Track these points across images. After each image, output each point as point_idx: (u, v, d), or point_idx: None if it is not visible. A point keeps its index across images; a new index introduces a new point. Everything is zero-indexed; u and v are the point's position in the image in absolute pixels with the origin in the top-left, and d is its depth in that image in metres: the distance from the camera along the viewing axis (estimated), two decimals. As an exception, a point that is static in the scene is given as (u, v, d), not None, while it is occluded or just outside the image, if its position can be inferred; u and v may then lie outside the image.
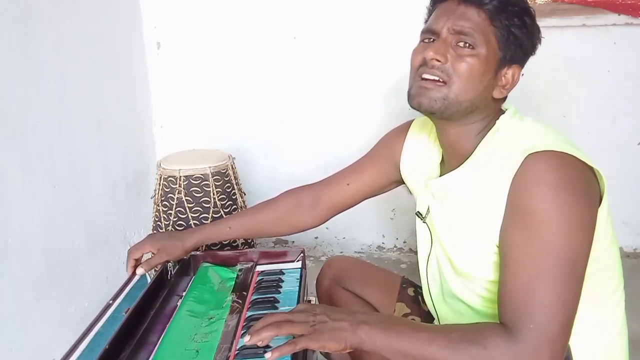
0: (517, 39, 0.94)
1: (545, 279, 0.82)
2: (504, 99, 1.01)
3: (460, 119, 0.98)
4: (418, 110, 0.98)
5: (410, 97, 0.98)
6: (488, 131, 0.99)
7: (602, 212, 0.90)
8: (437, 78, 0.94)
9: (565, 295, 0.83)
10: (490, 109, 0.99)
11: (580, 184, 0.86)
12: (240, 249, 1.84)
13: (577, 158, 0.87)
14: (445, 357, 0.83)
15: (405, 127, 1.22)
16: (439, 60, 0.93)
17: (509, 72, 0.97)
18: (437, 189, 1.05)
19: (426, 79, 0.95)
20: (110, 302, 1.09)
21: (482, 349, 0.81)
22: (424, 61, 0.95)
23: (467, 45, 0.93)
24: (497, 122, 0.99)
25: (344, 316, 0.89)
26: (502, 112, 1.02)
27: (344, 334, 0.86)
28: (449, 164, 1.06)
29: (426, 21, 1.02)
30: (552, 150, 0.86)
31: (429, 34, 0.97)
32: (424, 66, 0.95)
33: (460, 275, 1.02)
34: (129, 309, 1.05)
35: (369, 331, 0.86)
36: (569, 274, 0.83)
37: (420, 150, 1.16)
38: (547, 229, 0.83)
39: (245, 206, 2.02)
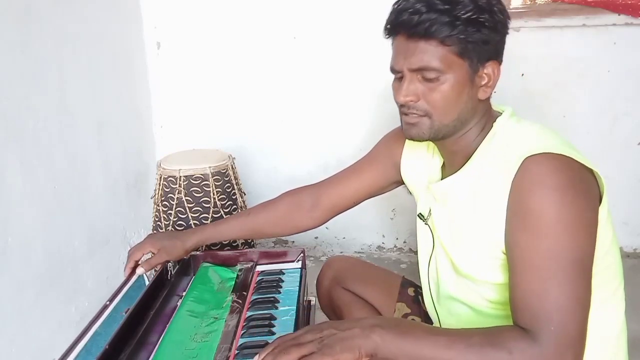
0: (478, 42, 0.91)
1: (559, 280, 0.82)
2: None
3: (456, 134, 0.99)
4: (412, 140, 1.02)
5: (403, 130, 1.01)
6: (486, 133, 0.99)
7: (602, 213, 0.91)
8: (417, 117, 0.96)
9: (579, 295, 0.83)
10: (481, 111, 0.99)
11: (581, 184, 0.86)
12: (240, 249, 1.85)
13: (574, 160, 0.87)
14: None
15: (405, 129, 1.22)
16: (412, 100, 0.95)
17: (486, 71, 0.95)
18: (439, 191, 1.05)
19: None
20: (108, 302, 1.09)
21: (506, 353, 0.80)
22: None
23: (432, 77, 0.92)
24: (495, 124, 0.99)
25: (354, 324, 0.86)
26: (499, 113, 1.02)
27: (357, 340, 0.83)
28: (449, 166, 1.06)
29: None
30: (550, 153, 0.86)
31: (395, 72, 0.98)
32: (403, 106, 0.97)
33: (463, 277, 1.02)
34: (128, 309, 1.05)
35: (384, 335, 0.83)
36: (580, 273, 0.83)
37: (421, 152, 1.16)
38: (554, 231, 0.83)
39: (246, 206, 2.02)
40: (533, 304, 0.83)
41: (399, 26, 0.93)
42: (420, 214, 1.13)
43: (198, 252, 1.34)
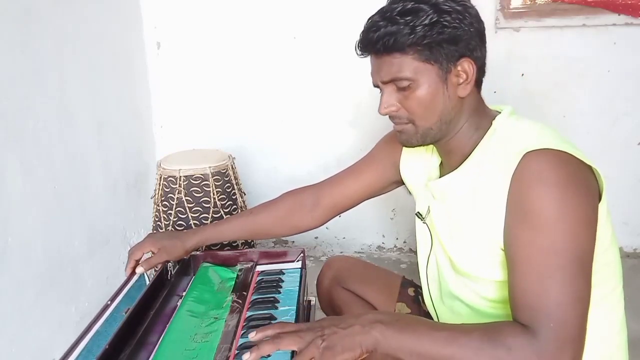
0: (443, 44, 0.91)
1: (558, 277, 0.82)
2: (479, 87, 1.00)
3: (445, 135, 1.00)
4: (404, 146, 1.08)
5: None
6: (485, 131, 0.99)
7: (602, 210, 0.90)
8: (402, 124, 0.99)
9: (579, 292, 0.83)
10: (468, 109, 0.99)
11: (580, 180, 0.86)
12: (240, 249, 1.84)
13: (574, 156, 0.87)
14: (468, 357, 0.82)
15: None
16: (392, 111, 0.98)
17: (460, 68, 0.94)
18: (438, 189, 1.05)
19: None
20: (109, 302, 1.09)
21: (505, 349, 0.80)
22: None
23: (405, 85, 0.94)
24: (494, 122, 0.99)
25: (354, 320, 0.86)
26: (497, 112, 1.02)
27: (357, 337, 0.84)
28: (447, 166, 1.06)
29: None
30: (549, 149, 0.86)
31: (375, 86, 1.02)
32: (390, 116, 1.00)
33: (462, 275, 1.02)
34: (129, 309, 1.05)
35: (384, 330, 0.84)
36: (580, 270, 0.83)
37: (420, 152, 1.16)
38: (554, 228, 0.83)
39: (246, 206, 2.02)
40: (532, 301, 0.83)
41: (365, 46, 0.97)
42: (418, 212, 1.13)
43: (198, 252, 1.34)
